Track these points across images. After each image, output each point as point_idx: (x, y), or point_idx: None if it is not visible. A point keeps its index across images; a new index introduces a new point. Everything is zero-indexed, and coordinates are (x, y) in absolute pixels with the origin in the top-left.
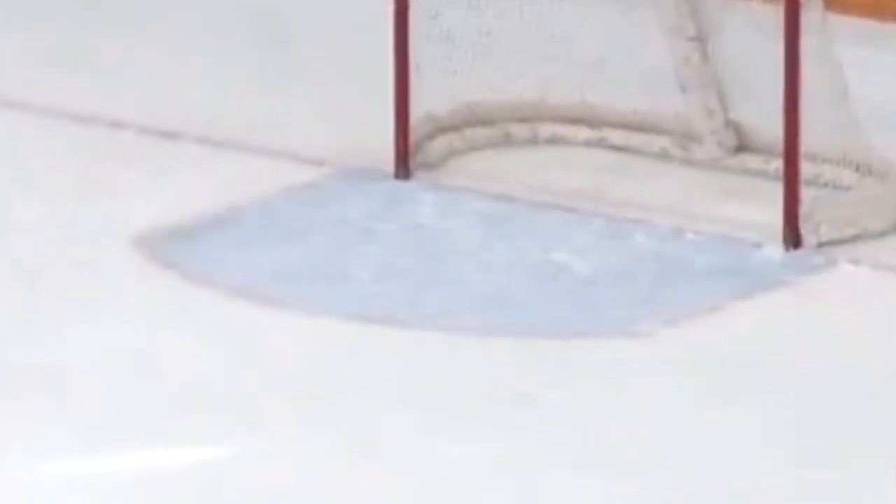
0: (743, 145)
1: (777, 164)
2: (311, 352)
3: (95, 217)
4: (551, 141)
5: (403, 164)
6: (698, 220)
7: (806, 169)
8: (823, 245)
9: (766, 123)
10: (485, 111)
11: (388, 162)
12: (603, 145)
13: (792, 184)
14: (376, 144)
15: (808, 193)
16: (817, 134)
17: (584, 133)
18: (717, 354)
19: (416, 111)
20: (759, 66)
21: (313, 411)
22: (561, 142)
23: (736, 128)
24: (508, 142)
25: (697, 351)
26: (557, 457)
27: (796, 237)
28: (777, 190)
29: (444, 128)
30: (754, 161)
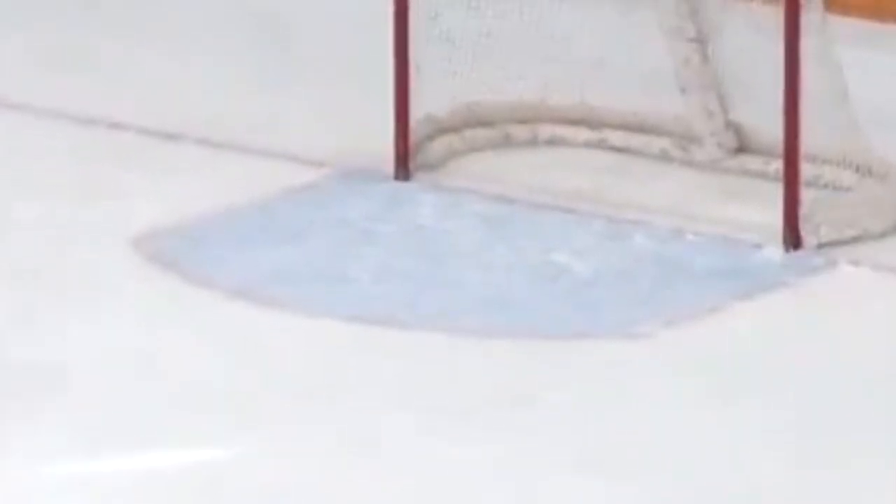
0: (743, 146)
1: (777, 165)
2: (311, 353)
3: (95, 218)
4: (551, 142)
5: (403, 166)
6: (698, 222)
7: (806, 170)
8: (823, 246)
9: (766, 124)
10: (485, 112)
11: (388, 163)
12: (603, 146)
13: (792, 185)
14: (376, 145)
15: (808, 194)
16: (817, 135)
17: (583, 134)
18: (717, 355)
19: (415, 112)
20: (759, 67)
21: (313, 412)
22: (561, 143)
23: (736, 129)
24: (508, 143)
25: (697, 352)
26: (557, 458)
27: (796, 238)
28: (777, 191)
29: (443, 129)
30: (754, 162)
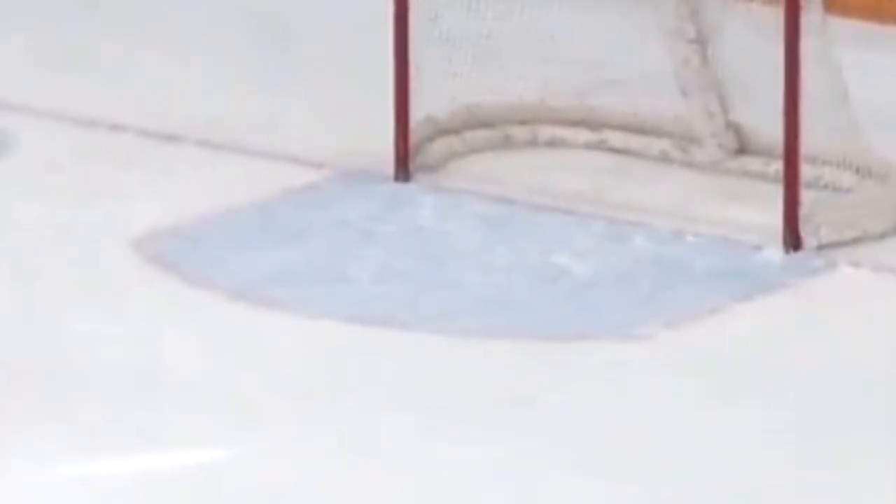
0: (743, 148)
1: (777, 166)
2: (311, 353)
3: (95, 219)
4: (551, 143)
5: (403, 167)
6: (698, 223)
7: (806, 171)
8: (823, 247)
9: (766, 126)
10: (485, 113)
11: (388, 164)
12: (603, 148)
13: (792, 186)
14: (376, 146)
15: (808, 196)
16: (817, 136)
17: (583, 135)
18: (717, 356)
19: (416, 113)
20: (758, 68)
21: (313, 413)
22: (561, 144)
23: (736, 130)
24: (508, 144)
25: (697, 353)
26: (557, 458)
27: (796, 239)
28: (777, 192)
29: (443, 130)
30: (754, 163)
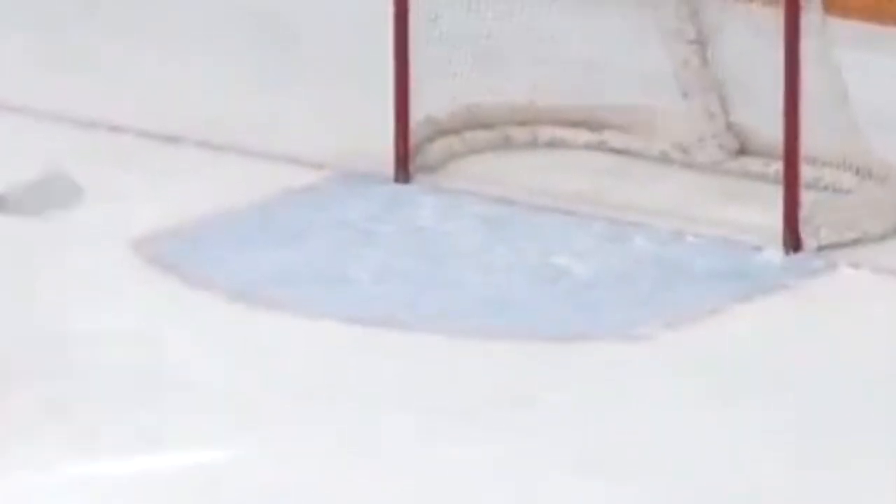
0: (743, 148)
1: (777, 167)
2: (311, 354)
3: (95, 220)
4: (551, 144)
5: (403, 167)
6: (698, 224)
7: (806, 172)
8: (823, 248)
9: (766, 126)
10: (485, 114)
11: (388, 165)
12: (603, 148)
13: (792, 187)
14: (376, 147)
15: (808, 197)
16: (817, 137)
17: (583, 136)
18: (717, 357)
19: (415, 114)
20: (758, 69)
21: (313, 413)
22: (561, 145)
23: (736, 131)
24: (508, 145)
25: (697, 353)
26: (557, 459)
27: (796, 240)
28: (777, 193)
29: (443, 131)
30: (754, 164)
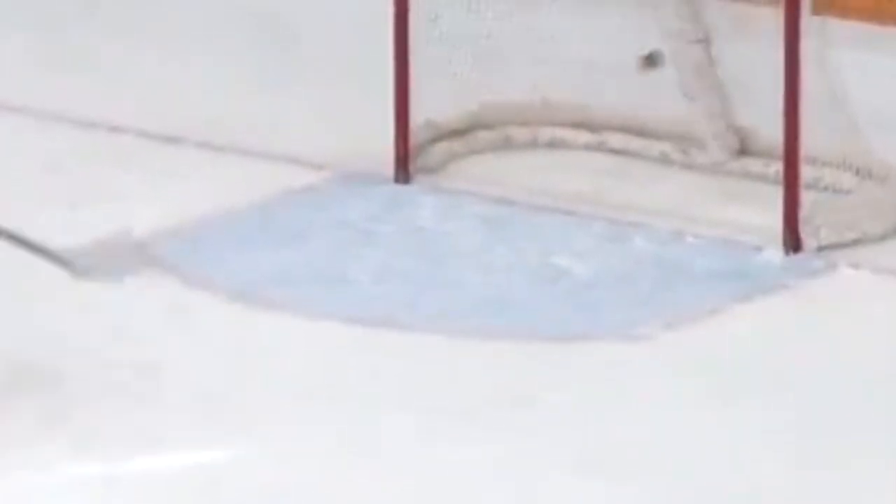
0: (743, 149)
1: (777, 167)
2: (311, 354)
3: (95, 221)
4: (551, 144)
5: (403, 168)
6: (698, 224)
7: (806, 172)
8: (823, 249)
9: (766, 127)
10: (485, 114)
11: (388, 165)
12: (603, 149)
13: (792, 187)
14: (376, 148)
15: (808, 197)
16: (817, 137)
17: (584, 136)
18: (717, 357)
19: (415, 114)
20: (758, 69)
21: (313, 414)
22: (561, 145)
23: (737, 131)
24: (508, 145)
25: (697, 354)
26: (557, 459)
27: (796, 241)
28: (777, 193)
29: (444, 131)
30: (754, 164)
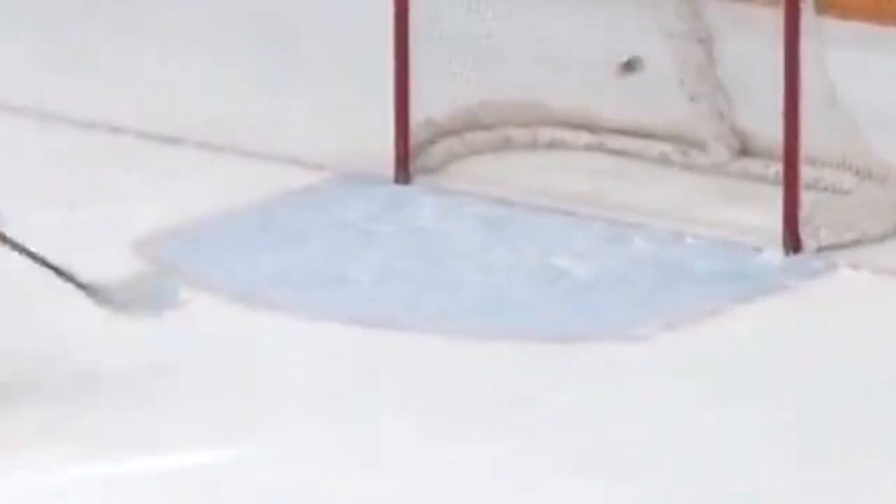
0: (743, 149)
1: (777, 168)
2: (311, 355)
3: (95, 221)
4: (551, 145)
5: (403, 168)
6: (698, 225)
7: (806, 173)
8: (823, 249)
9: (766, 127)
10: (485, 115)
11: (388, 166)
12: (602, 149)
13: (792, 188)
14: (376, 148)
15: (807, 197)
16: (817, 138)
17: (583, 137)
18: (716, 358)
19: (415, 115)
20: (758, 69)
21: (313, 414)
22: (561, 146)
23: (737, 132)
24: (508, 146)
25: (697, 354)
26: (557, 459)
27: (796, 241)
28: (777, 194)
29: (443, 132)
30: (754, 165)
